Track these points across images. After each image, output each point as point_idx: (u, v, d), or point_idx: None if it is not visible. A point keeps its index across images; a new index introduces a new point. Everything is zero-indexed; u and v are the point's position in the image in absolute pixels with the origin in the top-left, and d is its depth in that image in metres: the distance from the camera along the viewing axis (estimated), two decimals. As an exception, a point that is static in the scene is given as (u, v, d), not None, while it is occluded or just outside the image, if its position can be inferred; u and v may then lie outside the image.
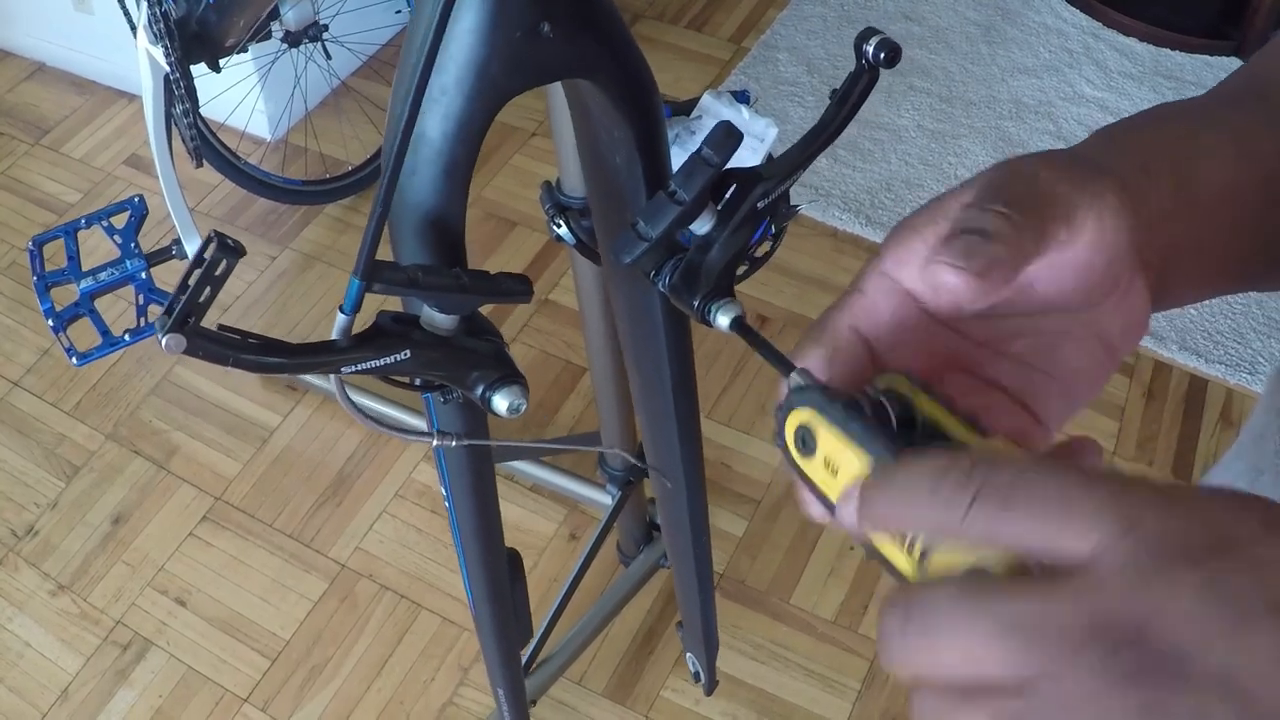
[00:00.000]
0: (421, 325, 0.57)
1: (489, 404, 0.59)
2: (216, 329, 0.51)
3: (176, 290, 0.50)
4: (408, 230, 0.60)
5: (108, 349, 1.46)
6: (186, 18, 1.60)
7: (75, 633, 1.93)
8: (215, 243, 0.49)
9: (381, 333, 0.55)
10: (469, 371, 0.59)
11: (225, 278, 0.49)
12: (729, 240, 0.59)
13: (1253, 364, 2.22)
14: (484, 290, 0.55)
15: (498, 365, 0.59)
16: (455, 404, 0.68)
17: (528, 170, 2.60)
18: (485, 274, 0.56)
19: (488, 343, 0.59)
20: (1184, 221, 0.45)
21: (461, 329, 0.57)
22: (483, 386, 0.59)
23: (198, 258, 0.49)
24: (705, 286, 0.59)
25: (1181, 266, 0.46)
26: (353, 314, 0.53)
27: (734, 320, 0.58)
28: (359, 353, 0.53)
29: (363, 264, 0.50)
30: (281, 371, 0.52)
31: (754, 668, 1.86)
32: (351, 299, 0.52)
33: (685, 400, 0.89)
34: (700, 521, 1.08)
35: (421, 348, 0.55)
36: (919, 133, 2.66)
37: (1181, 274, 0.47)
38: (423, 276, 0.53)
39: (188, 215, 1.55)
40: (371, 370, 0.54)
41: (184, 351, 0.49)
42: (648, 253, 0.56)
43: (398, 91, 0.60)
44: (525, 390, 0.60)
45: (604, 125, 0.67)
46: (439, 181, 0.59)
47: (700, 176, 0.56)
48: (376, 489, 2.10)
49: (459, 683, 1.86)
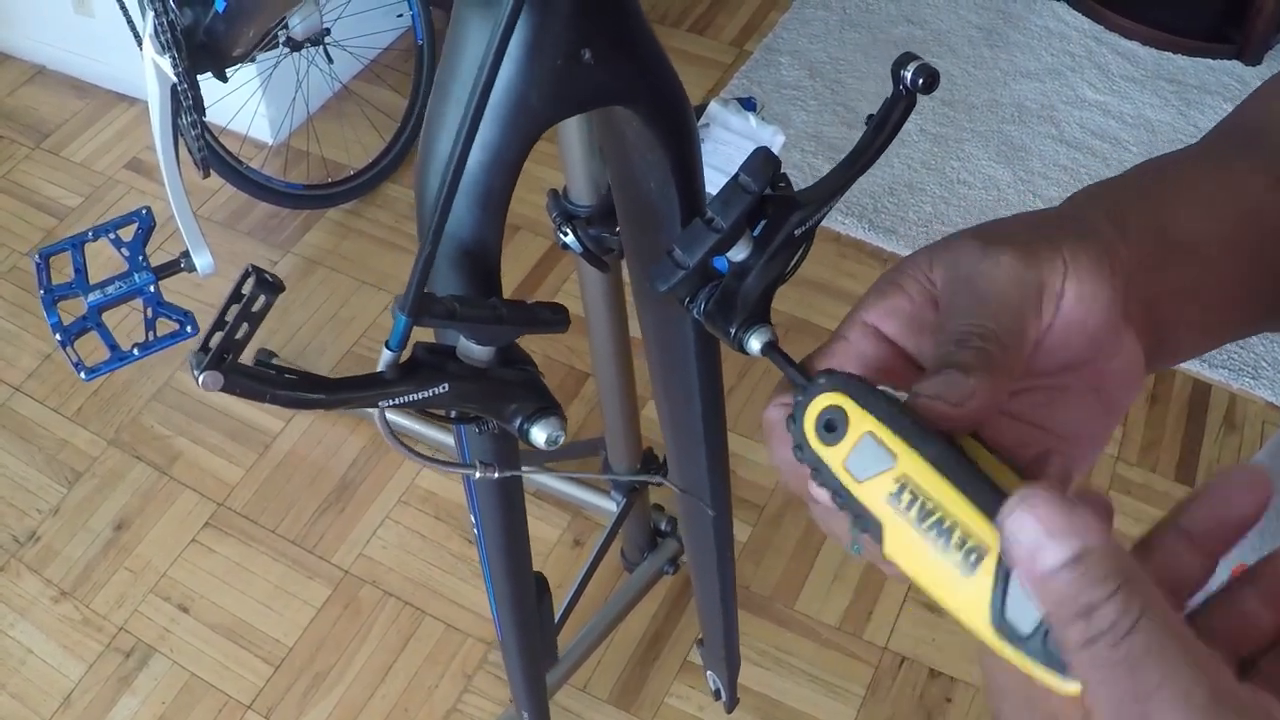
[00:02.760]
0: (458, 357, 0.56)
1: (526, 435, 0.59)
2: (254, 362, 0.51)
3: (213, 326, 0.49)
4: (444, 260, 0.60)
5: (116, 364, 1.45)
6: (193, 27, 1.60)
7: (77, 639, 1.92)
8: (254, 278, 0.48)
9: (420, 366, 0.54)
10: (506, 404, 0.58)
11: (264, 314, 0.49)
12: (765, 267, 0.58)
13: (1255, 368, 2.22)
14: (521, 321, 0.55)
15: (535, 396, 0.59)
16: (488, 434, 0.68)
17: (531, 174, 2.55)
18: (522, 304, 0.56)
19: (523, 372, 0.59)
20: (1173, 270, 0.46)
21: (497, 360, 0.57)
22: (520, 418, 0.59)
23: (235, 293, 0.49)
24: (742, 314, 0.58)
25: (1182, 315, 0.47)
26: (399, 350, 0.52)
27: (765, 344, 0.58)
28: (399, 387, 0.53)
29: (411, 300, 0.50)
30: (320, 407, 0.51)
31: (758, 674, 1.86)
32: (398, 336, 0.51)
33: (715, 424, 0.89)
34: (726, 543, 1.08)
35: (459, 380, 0.55)
36: (921, 136, 2.66)
37: (1183, 323, 0.47)
38: (461, 309, 0.53)
39: (196, 227, 1.54)
40: (410, 404, 0.54)
41: (221, 389, 0.49)
42: (684, 281, 0.56)
43: (434, 123, 0.60)
44: (563, 421, 0.59)
45: (639, 150, 0.67)
46: (475, 211, 0.58)
47: (738, 203, 0.55)
48: (380, 495, 2.10)
49: (463, 689, 1.86)
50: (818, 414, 0.41)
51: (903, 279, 0.44)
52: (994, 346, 0.40)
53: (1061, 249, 0.42)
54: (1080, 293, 0.42)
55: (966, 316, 0.41)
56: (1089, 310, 0.42)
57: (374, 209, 2.59)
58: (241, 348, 0.50)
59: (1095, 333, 0.43)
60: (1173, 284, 0.46)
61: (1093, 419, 0.45)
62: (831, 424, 0.41)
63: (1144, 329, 0.45)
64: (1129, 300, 0.44)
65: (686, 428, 0.90)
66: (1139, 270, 0.44)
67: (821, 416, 0.41)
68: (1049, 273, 0.41)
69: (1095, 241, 0.43)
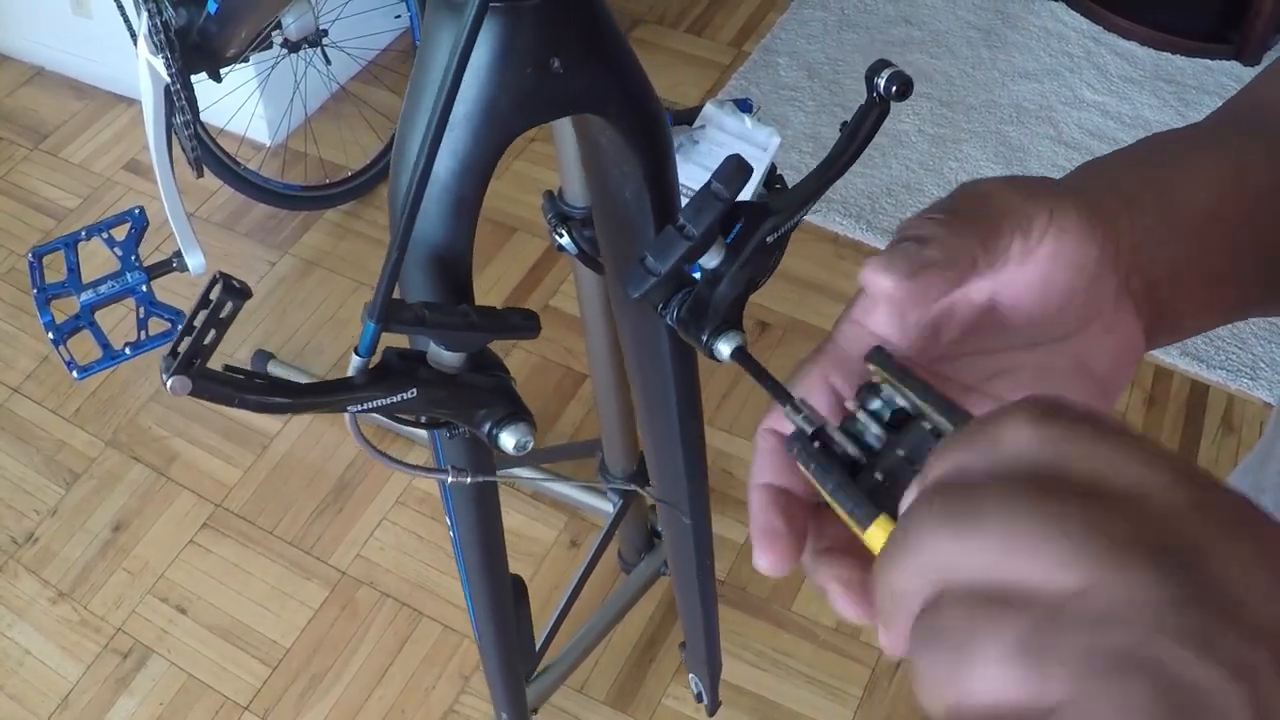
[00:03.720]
0: (428, 362, 0.57)
1: (495, 441, 0.59)
2: (223, 369, 0.51)
3: (181, 331, 0.49)
4: (415, 267, 0.60)
5: (108, 363, 1.46)
6: (187, 28, 1.60)
7: (75, 640, 1.93)
8: (221, 284, 0.48)
9: (389, 371, 0.55)
10: (476, 409, 0.59)
11: (231, 320, 0.49)
12: (738, 274, 0.58)
13: (1254, 369, 2.22)
14: (491, 328, 0.55)
15: (505, 402, 0.59)
16: (460, 438, 0.68)
17: (528, 176, 2.60)
18: (493, 310, 0.56)
19: (494, 378, 0.59)
20: (1177, 246, 0.45)
21: (468, 365, 0.57)
22: (489, 424, 0.59)
23: (203, 299, 0.49)
24: (714, 321, 0.58)
25: (1187, 292, 0.46)
26: (368, 356, 0.52)
27: (735, 350, 0.58)
28: (366, 392, 0.53)
29: (378, 307, 0.50)
30: (286, 411, 0.51)
31: (756, 675, 1.87)
32: (366, 342, 0.52)
33: (691, 431, 0.89)
34: (705, 547, 1.08)
35: (429, 385, 0.55)
36: (919, 137, 2.66)
37: (1188, 300, 0.46)
38: (431, 315, 0.53)
39: (188, 227, 1.54)
40: (378, 409, 0.54)
41: (189, 393, 0.49)
42: (656, 287, 0.56)
43: (406, 128, 0.60)
44: (533, 427, 0.59)
45: (613, 159, 0.67)
46: (446, 218, 0.58)
47: (710, 211, 0.55)
48: (377, 496, 2.10)
49: (460, 690, 1.86)
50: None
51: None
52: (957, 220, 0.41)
53: (1051, 198, 0.42)
54: (1059, 250, 0.42)
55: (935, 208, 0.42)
56: (1071, 273, 0.42)
57: (372, 210, 2.59)
58: (210, 353, 0.50)
59: (1079, 299, 0.43)
60: (1176, 260, 0.45)
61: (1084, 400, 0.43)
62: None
63: (1144, 305, 0.45)
64: (1130, 275, 0.44)
65: (664, 435, 0.90)
66: (1143, 245, 0.44)
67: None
68: (1034, 208, 0.42)
69: (1088, 209, 0.43)
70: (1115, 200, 0.44)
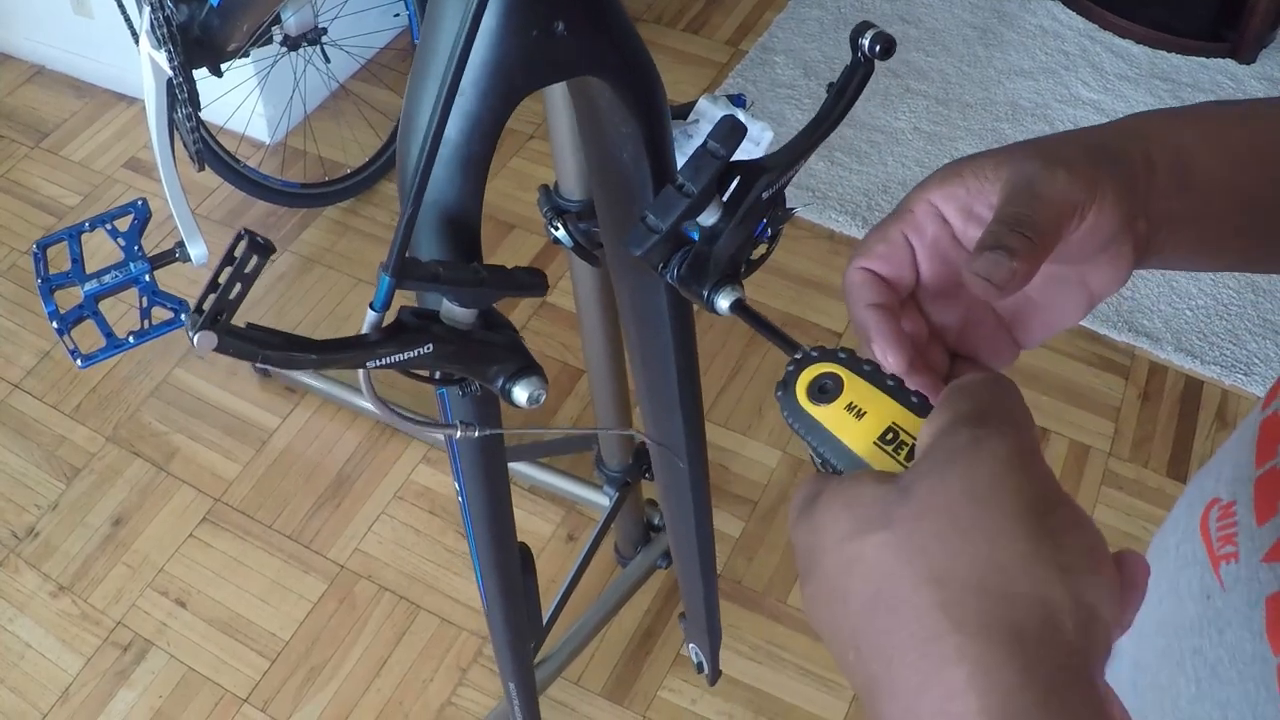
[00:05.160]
0: (441, 319, 0.58)
1: (509, 395, 0.60)
2: (245, 326, 0.52)
3: (206, 288, 0.50)
4: (427, 226, 0.61)
5: (112, 351, 1.46)
6: (189, 23, 1.61)
7: (75, 634, 1.93)
8: (246, 240, 0.49)
9: (405, 328, 0.56)
10: (488, 364, 0.60)
11: (256, 275, 0.50)
12: (735, 230, 0.60)
13: (1248, 365, 2.23)
14: (501, 284, 0.56)
15: (516, 357, 0.60)
16: (471, 397, 0.69)
17: (525, 173, 2.61)
18: (502, 268, 0.57)
19: (504, 335, 0.60)
20: (1181, 201, 0.53)
21: (480, 323, 0.58)
22: (502, 378, 0.60)
23: (228, 255, 0.50)
24: (713, 276, 0.60)
25: (1178, 236, 0.54)
26: (383, 310, 0.53)
27: (734, 303, 0.60)
28: (384, 348, 0.54)
29: (394, 261, 0.51)
30: (310, 367, 0.52)
31: (751, 667, 1.87)
32: (382, 296, 0.53)
33: (690, 389, 0.90)
34: (704, 507, 1.09)
35: (442, 341, 0.56)
36: (915, 135, 2.67)
37: (1174, 242, 0.54)
38: (444, 272, 0.54)
39: (191, 218, 1.55)
40: (394, 365, 0.55)
41: (215, 349, 0.50)
42: (657, 245, 0.58)
43: (415, 94, 0.61)
44: (544, 380, 0.61)
45: (612, 122, 0.69)
46: (456, 178, 0.59)
47: (707, 169, 0.57)
48: (375, 490, 2.11)
49: (458, 683, 1.87)
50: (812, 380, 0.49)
51: (964, 172, 0.52)
52: (1035, 235, 0.48)
53: (1098, 184, 0.50)
54: (1099, 220, 0.50)
55: (1021, 206, 0.49)
56: (1100, 232, 0.51)
57: (371, 207, 2.60)
58: (235, 308, 0.51)
59: (1098, 246, 0.51)
60: (1178, 212, 0.53)
61: (1074, 304, 0.55)
62: (822, 388, 0.49)
63: (1140, 241, 0.52)
64: (1136, 217, 0.52)
65: (663, 393, 0.92)
66: (1154, 197, 0.52)
67: (816, 381, 0.49)
68: (1086, 198, 0.49)
69: (1125, 177, 0.51)
70: (1142, 164, 0.52)
